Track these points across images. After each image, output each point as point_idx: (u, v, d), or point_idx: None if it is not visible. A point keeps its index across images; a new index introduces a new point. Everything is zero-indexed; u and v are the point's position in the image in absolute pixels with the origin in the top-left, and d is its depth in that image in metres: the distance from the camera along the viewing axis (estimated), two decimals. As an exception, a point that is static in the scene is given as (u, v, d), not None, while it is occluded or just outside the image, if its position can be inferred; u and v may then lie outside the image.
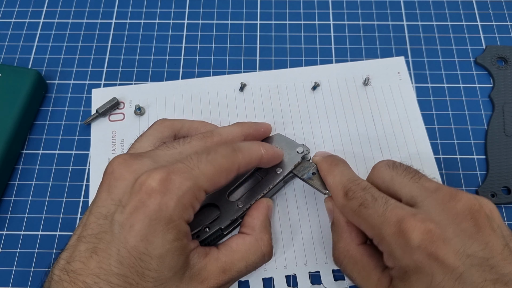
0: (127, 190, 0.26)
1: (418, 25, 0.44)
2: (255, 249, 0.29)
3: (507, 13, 0.44)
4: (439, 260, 0.23)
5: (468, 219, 0.25)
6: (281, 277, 0.32)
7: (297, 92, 0.40)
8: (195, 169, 0.26)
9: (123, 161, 0.27)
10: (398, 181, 0.28)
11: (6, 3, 0.45)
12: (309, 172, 0.33)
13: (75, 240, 0.26)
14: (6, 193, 0.37)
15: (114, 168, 0.27)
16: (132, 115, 0.39)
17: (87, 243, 0.25)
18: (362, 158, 0.36)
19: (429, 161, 0.36)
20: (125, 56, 0.42)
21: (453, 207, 0.25)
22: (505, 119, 0.38)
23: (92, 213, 0.26)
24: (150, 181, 0.25)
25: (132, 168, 0.27)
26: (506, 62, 0.41)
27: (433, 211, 0.25)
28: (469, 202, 0.25)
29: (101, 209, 0.26)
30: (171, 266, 0.25)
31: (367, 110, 0.39)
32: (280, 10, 0.45)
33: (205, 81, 0.40)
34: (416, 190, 0.27)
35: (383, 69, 0.41)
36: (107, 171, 0.27)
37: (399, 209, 0.26)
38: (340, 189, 0.29)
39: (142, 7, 0.45)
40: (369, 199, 0.27)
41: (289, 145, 0.35)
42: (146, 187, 0.25)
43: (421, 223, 0.24)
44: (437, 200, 0.26)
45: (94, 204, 0.27)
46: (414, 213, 0.25)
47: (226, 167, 0.28)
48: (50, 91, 0.41)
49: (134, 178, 0.26)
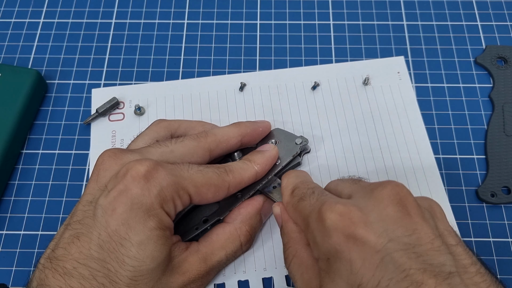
0: (113, 176, 0.26)
1: (418, 25, 0.44)
2: (233, 238, 0.30)
3: (507, 13, 0.44)
4: (357, 242, 0.22)
5: (394, 204, 0.23)
6: (281, 276, 0.32)
7: (296, 92, 0.40)
8: (184, 171, 0.27)
9: (113, 154, 0.28)
10: (341, 185, 0.28)
11: (6, 3, 0.45)
12: (270, 186, 0.33)
13: (62, 229, 0.26)
14: (6, 193, 0.37)
15: (104, 159, 0.28)
16: (132, 115, 0.39)
17: (71, 230, 0.25)
18: (362, 158, 0.36)
19: (429, 161, 0.36)
20: (125, 56, 0.42)
21: (379, 193, 0.24)
22: (505, 119, 0.38)
23: (80, 202, 0.27)
24: (138, 167, 0.26)
25: (121, 161, 0.27)
26: (506, 62, 0.41)
27: (361, 199, 0.25)
28: (396, 188, 0.24)
29: (87, 196, 0.27)
30: (153, 257, 0.25)
31: (367, 110, 0.39)
32: (280, 10, 0.45)
33: (205, 81, 0.40)
34: (353, 189, 0.27)
35: (382, 68, 0.41)
36: (97, 162, 0.28)
37: (327, 196, 0.26)
38: (289, 189, 0.29)
39: (142, 7, 0.45)
40: (308, 193, 0.27)
41: (288, 137, 0.35)
42: (132, 171, 0.25)
43: (340, 205, 0.24)
44: (367, 190, 0.25)
45: (83, 194, 0.27)
46: (338, 200, 0.25)
47: (215, 183, 0.28)
48: (50, 91, 0.41)
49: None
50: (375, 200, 0.24)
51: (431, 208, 0.25)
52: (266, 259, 0.33)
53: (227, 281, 0.32)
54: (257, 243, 0.33)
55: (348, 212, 0.23)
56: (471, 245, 0.34)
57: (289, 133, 0.35)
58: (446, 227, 0.24)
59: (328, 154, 0.37)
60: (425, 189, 0.35)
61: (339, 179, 0.30)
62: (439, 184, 0.35)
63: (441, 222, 0.24)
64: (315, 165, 0.36)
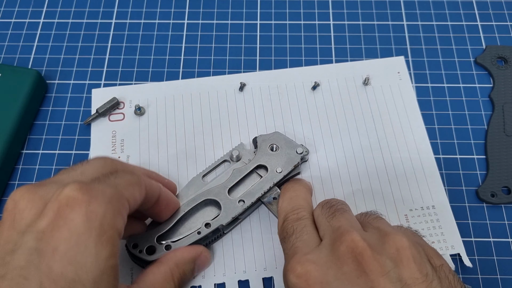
0: (38, 213, 0.22)
1: (418, 25, 0.44)
2: (169, 279, 0.28)
3: (507, 13, 0.44)
4: None
5: (350, 262, 0.23)
6: (281, 276, 0.32)
7: (297, 92, 0.40)
8: (108, 180, 0.24)
9: (26, 190, 0.23)
10: (319, 220, 0.28)
11: (6, 3, 0.45)
12: (270, 196, 0.33)
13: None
14: (6, 193, 0.36)
15: (16, 200, 0.23)
16: (132, 115, 0.39)
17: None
18: (362, 158, 0.36)
19: (429, 161, 0.36)
20: (125, 56, 0.42)
21: (337, 248, 0.24)
22: (505, 119, 0.38)
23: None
24: (68, 192, 0.22)
25: (39, 195, 0.23)
26: (506, 62, 0.41)
27: (324, 252, 0.25)
28: (351, 244, 0.24)
29: (5, 246, 0.21)
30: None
31: (367, 110, 0.39)
32: (280, 10, 0.45)
33: (205, 81, 0.40)
34: (326, 229, 0.27)
35: (383, 69, 0.41)
36: (7, 207, 0.23)
37: (297, 248, 0.26)
38: (282, 217, 0.30)
39: (142, 7, 0.45)
40: (290, 232, 0.28)
41: (288, 144, 0.35)
42: (64, 199, 0.21)
43: (300, 266, 0.24)
44: (330, 240, 0.25)
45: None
46: (305, 253, 0.25)
47: (135, 182, 0.26)
48: (50, 91, 0.41)
49: (44, 202, 0.22)
50: (333, 255, 0.24)
51: (397, 253, 0.23)
52: (266, 259, 0.33)
53: (227, 281, 0.32)
54: (257, 243, 0.33)
55: (305, 273, 0.24)
56: (471, 245, 0.34)
57: (289, 140, 0.35)
58: (412, 273, 0.23)
59: (328, 154, 0.37)
60: (425, 189, 0.35)
61: (320, 207, 0.29)
62: (439, 184, 0.35)
63: (406, 270, 0.23)
64: (315, 165, 0.36)
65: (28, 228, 0.21)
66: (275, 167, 0.33)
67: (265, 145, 0.35)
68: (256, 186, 0.33)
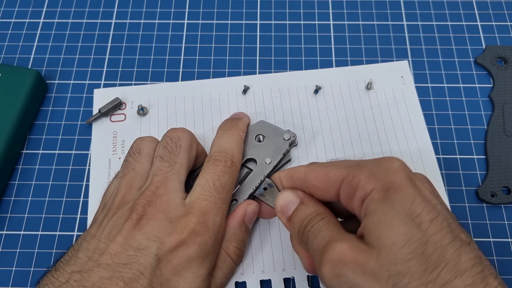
0: (162, 228, 0.27)
1: (418, 25, 0.44)
2: (224, 258, 0.30)
3: (507, 13, 0.44)
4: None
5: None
6: (279, 279, 0.32)
7: (299, 95, 0.39)
8: (216, 199, 0.29)
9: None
10: None
11: (6, 3, 0.45)
12: (260, 188, 0.32)
13: (89, 263, 0.26)
14: (6, 193, 0.36)
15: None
16: (134, 116, 0.39)
17: (110, 271, 0.25)
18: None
19: (431, 164, 0.36)
20: (125, 56, 0.42)
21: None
22: (505, 119, 0.38)
23: (116, 242, 0.26)
24: (190, 223, 0.27)
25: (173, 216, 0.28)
26: (506, 62, 0.41)
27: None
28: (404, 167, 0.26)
29: (131, 241, 0.26)
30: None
31: (370, 115, 0.38)
32: (280, 10, 0.45)
33: (207, 83, 0.40)
34: None
35: (386, 73, 0.40)
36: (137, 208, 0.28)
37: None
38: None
39: (142, 7, 0.45)
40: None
41: (275, 132, 0.34)
42: (186, 228, 0.27)
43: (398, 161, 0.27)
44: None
45: (120, 235, 0.27)
46: None
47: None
48: (50, 91, 0.41)
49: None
50: None
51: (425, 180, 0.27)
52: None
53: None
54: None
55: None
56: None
57: (275, 127, 0.35)
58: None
59: (329, 157, 0.37)
60: (425, 189, 0.35)
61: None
62: (439, 184, 0.35)
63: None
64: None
65: (155, 237, 0.27)
66: (263, 159, 0.33)
67: (251, 137, 0.34)
68: (246, 181, 0.32)
